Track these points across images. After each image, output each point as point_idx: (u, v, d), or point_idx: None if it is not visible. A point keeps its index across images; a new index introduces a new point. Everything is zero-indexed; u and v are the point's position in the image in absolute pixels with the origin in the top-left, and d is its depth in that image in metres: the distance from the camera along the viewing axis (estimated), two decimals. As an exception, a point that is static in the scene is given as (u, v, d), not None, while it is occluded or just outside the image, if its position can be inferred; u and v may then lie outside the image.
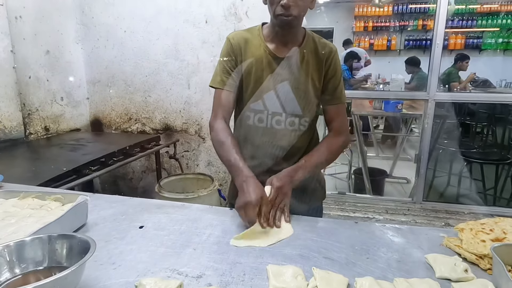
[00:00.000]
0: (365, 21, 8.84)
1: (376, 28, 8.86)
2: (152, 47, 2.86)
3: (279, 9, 1.14)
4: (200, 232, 1.08)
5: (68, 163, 1.87)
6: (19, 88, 2.40)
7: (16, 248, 0.76)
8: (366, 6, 8.75)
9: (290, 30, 1.23)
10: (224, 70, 1.28)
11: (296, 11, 1.15)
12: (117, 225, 1.12)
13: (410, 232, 1.09)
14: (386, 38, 8.90)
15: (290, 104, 1.28)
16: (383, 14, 8.76)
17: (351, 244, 1.01)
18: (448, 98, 2.65)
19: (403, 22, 8.81)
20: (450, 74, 5.59)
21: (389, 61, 8.99)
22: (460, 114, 3.78)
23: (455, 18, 8.42)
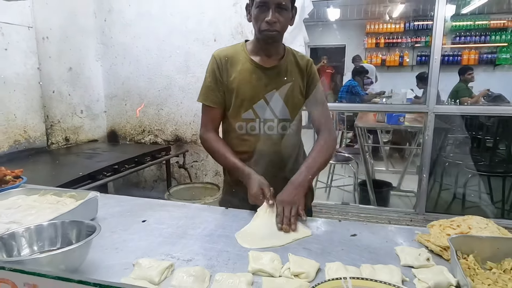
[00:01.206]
0: (377, 37, 8.94)
1: (388, 45, 8.95)
2: (164, 64, 3.07)
3: (264, 25, 1.29)
4: (195, 226, 1.20)
5: (83, 168, 2.04)
6: (43, 102, 2.63)
7: (35, 231, 0.91)
8: (377, 23, 8.88)
9: (274, 44, 1.38)
10: (210, 86, 1.40)
11: (279, 27, 1.29)
12: (122, 220, 1.26)
13: (388, 229, 1.18)
14: (398, 54, 8.97)
15: (280, 110, 1.41)
16: (395, 30, 8.85)
17: (330, 238, 1.11)
18: (447, 111, 2.71)
19: (415, 38, 8.86)
20: (459, 89, 5.59)
21: (402, 76, 9.02)
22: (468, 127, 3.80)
23: (467, 34, 8.44)
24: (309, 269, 0.88)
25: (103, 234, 1.12)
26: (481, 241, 0.90)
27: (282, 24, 1.31)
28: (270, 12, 1.27)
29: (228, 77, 1.39)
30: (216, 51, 1.44)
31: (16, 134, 2.42)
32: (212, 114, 1.43)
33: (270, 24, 1.28)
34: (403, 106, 3.23)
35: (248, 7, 1.38)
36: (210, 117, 1.44)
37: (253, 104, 1.40)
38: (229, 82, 1.38)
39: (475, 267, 0.84)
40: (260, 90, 1.39)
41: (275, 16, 1.27)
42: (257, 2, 1.29)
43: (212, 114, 1.43)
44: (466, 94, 5.55)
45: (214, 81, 1.40)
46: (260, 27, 1.31)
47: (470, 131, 3.75)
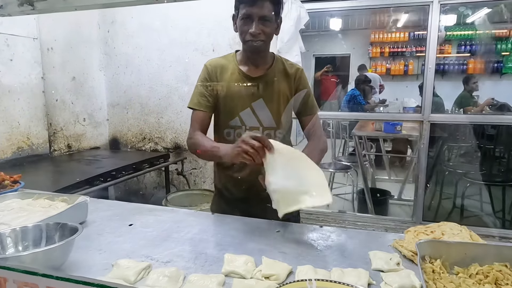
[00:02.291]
0: (382, 47, 8.97)
1: (392, 54, 8.96)
2: (165, 74, 3.15)
3: (248, 36, 1.34)
4: (179, 230, 1.24)
5: (82, 174, 2.11)
6: (47, 110, 2.72)
7: (20, 232, 0.96)
8: (382, 32, 8.92)
9: (259, 54, 1.42)
10: (201, 93, 1.46)
11: (263, 37, 1.34)
12: (111, 223, 1.31)
13: (367, 235, 1.21)
14: (403, 63, 8.97)
15: (265, 118, 1.45)
16: (399, 40, 8.88)
17: (307, 243, 1.14)
18: (442, 119, 2.72)
19: (420, 47, 8.86)
20: (464, 98, 5.58)
21: (407, 85, 9.01)
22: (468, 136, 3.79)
23: (472, 43, 8.43)
24: (280, 271, 0.91)
25: (89, 236, 1.17)
26: (449, 246, 0.92)
27: (266, 35, 1.36)
28: (254, 24, 1.32)
29: (218, 86, 1.45)
30: (208, 61, 1.51)
31: (19, 141, 2.50)
32: (202, 119, 1.47)
33: (254, 35, 1.33)
34: (399, 115, 3.25)
35: (234, 18, 1.44)
36: (198, 121, 1.47)
37: (239, 112, 1.45)
38: (219, 90, 1.45)
39: (440, 271, 0.86)
40: (247, 98, 1.44)
41: (259, 27, 1.32)
42: (241, 14, 1.35)
43: (201, 119, 1.47)
44: (470, 103, 5.54)
45: (204, 88, 1.46)
46: (244, 38, 1.36)
47: (470, 139, 3.74)
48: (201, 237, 1.18)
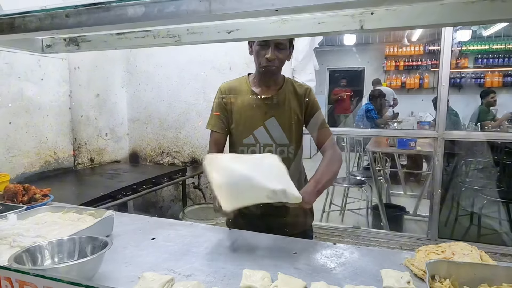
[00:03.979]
0: (396, 60, 8.97)
1: (407, 67, 8.95)
2: (183, 90, 3.28)
3: (264, 61, 1.44)
4: (199, 244, 1.31)
5: (105, 188, 2.21)
6: (72, 126, 2.87)
7: (56, 244, 1.05)
8: (396, 46, 8.94)
9: (273, 77, 1.52)
10: (217, 115, 1.58)
11: (277, 63, 1.44)
12: (134, 237, 1.39)
13: (378, 253, 1.24)
14: (418, 77, 8.94)
15: (277, 135, 1.54)
16: (414, 53, 8.87)
17: (321, 260, 1.18)
18: (457, 136, 2.73)
19: (435, 60, 8.82)
20: (481, 113, 5.51)
21: (422, 99, 8.94)
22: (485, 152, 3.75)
23: (489, 56, 8.35)
24: (295, 287, 0.96)
25: (116, 249, 1.25)
26: (458, 266, 0.95)
27: (280, 61, 1.46)
28: (270, 50, 1.42)
29: (232, 107, 1.56)
30: (222, 84, 1.63)
31: (47, 155, 2.65)
32: (217, 139, 1.60)
33: (270, 60, 1.43)
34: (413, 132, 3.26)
35: (250, 42, 1.54)
36: (215, 142, 1.60)
37: (253, 130, 1.54)
38: (233, 111, 1.56)
39: (449, 291, 0.89)
40: (259, 117, 1.54)
41: (274, 53, 1.42)
42: (258, 40, 1.45)
43: (216, 139, 1.60)
44: (488, 117, 5.47)
45: (219, 110, 1.58)
46: (260, 62, 1.47)
47: (487, 155, 3.70)
48: (219, 252, 1.24)
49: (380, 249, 1.28)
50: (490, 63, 8.45)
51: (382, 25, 0.57)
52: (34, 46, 0.84)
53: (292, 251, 1.26)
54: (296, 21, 0.63)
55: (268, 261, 1.17)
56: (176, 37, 0.72)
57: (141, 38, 0.75)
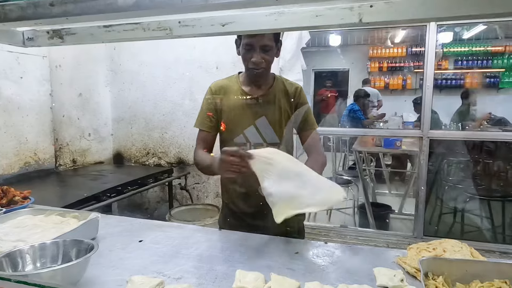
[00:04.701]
0: (380, 61, 9.13)
1: (391, 69, 9.11)
2: (169, 90, 3.22)
3: (250, 64, 1.42)
4: (188, 246, 1.28)
5: (89, 190, 2.14)
6: (53, 126, 2.77)
7: (38, 248, 1.00)
8: (380, 48, 9.09)
9: (261, 77, 1.50)
10: (206, 114, 1.55)
11: (265, 65, 1.42)
12: (121, 239, 1.34)
13: (371, 251, 1.24)
14: (401, 78, 9.11)
15: (268, 134, 1.52)
16: (397, 55, 9.04)
17: (313, 259, 1.17)
18: (441, 136, 2.78)
19: (418, 62, 9.02)
20: (462, 113, 5.66)
21: (405, 99, 9.11)
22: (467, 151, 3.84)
23: (469, 58, 8.58)
24: (288, 287, 0.95)
25: (101, 252, 1.21)
26: (450, 263, 0.96)
27: (267, 62, 1.44)
28: (255, 54, 1.40)
29: (222, 106, 1.53)
30: (212, 83, 1.60)
31: (27, 156, 2.55)
32: (206, 138, 1.57)
33: (256, 63, 1.41)
34: (398, 131, 3.31)
35: (237, 43, 1.52)
36: (203, 140, 1.58)
37: (244, 130, 1.52)
38: (223, 110, 1.53)
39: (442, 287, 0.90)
40: (250, 117, 1.52)
41: (260, 56, 1.40)
42: (244, 44, 1.43)
43: (205, 138, 1.57)
44: (468, 117, 5.62)
45: (209, 109, 1.55)
46: (247, 65, 1.45)
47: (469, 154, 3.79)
48: (210, 253, 1.21)
49: (370, 248, 1.28)
50: (469, 65, 8.68)
51: (381, 18, 0.56)
52: (14, 39, 0.79)
53: (284, 251, 1.24)
54: (293, 14, 0.62)
55: (260, 261, 1.15)
56: (168, 30, 0.69)
57: (130, 31, 0.72)
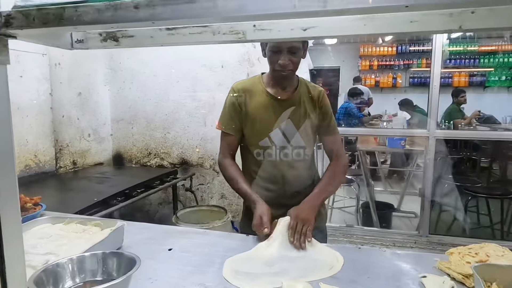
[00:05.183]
0: (370, 60, 9.21)
1: (381, 67, 9.22)
2: (172, 89, 3.15)
3: (277, 67, 1.39)
4: (221, 254, 1.23)
5: (97, 194, 2.06)
6: (53, 127, 2.66)
7: (77, 261, 0.94)
8: (371, 46, 9.18)
9: (287, 80, 1.48)
10: (228, 115, 1.53)
11: (291, 67, 1.39)
12: (148, 248, 1.29)
13: (407, 256, 1.23)
14: (391, 76, 9.23)
15: (293, 137, 1.50)
16: (387, 53, 9.14)
17: (354, 266, 1.15)
18: (447, 135, 2.82)
19: (407, 61, 9.15)
20: (452, 111, 5.77)
21: (395, 97, 9.24)
22: (464, 149, 3.92)
23: (457, 57, 8.76)
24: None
25: (133, 263, 1.15)
26: (502, 269, 0.95)
27: (294, 64, 1.41)
28: (282, 56, 1.37)
29: (246, 108, 1.50)
30: (235, 83, 1.57)
31: (27, 159, 2.44)
32: (230, 141, 1.55)
33: (283, 66, 1.37)
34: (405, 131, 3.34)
35: (263, 45, 1.48)
36: (228, 144, 1.56)
37: (269, 132, 1.50)
38: (247, 112, 1.50)
39: (499, 295, 0.89)
40: (275, 119, 1.50)
41: (287, 58, 1.37)
42: (271, 46, 1.39)
43: (229, 141, 1.55)
44: (458, 116, 5.73)
45: (232, 111, 1.52)
46: (274, 67, 1.42)
47: (467, 153, 3.87)
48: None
49: (406, 252, 1.27)
50: (457, 64, 8.86)
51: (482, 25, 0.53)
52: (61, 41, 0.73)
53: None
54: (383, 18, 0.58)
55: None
56: (240, 34, 0.64)
57: (197, 34, 0.67)
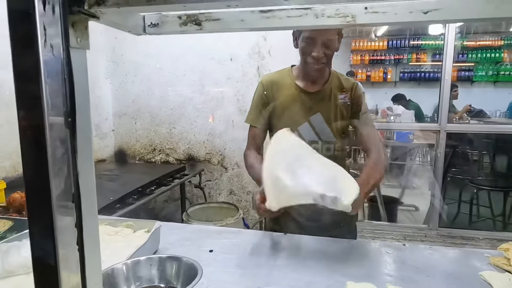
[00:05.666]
0: (362, 54, 9.25)
1: (372, 61, 9.27)
2: (178, 83, 3.04)
3: (310, 59, 1.33)
4: (265, 254, 1.18)
5: (111, 193, 1.97)
6: (56, 121, 2.53)
7: (132, 266, 0.86)
8: (362, 41, 9.21)
9: (319, 73, 1.42)
10: (256, 109, 1.49)
11: (325, 60, 1.33)
12: (187, 250, 1.22)
13: (456, 253, 1.20)
14: (382, 71, 9.30)
15: (323, 132, 1.45)
16: (378, 48, 9.20)
17: (409, 264, 1.11)
18: (458, 129, 2.83)
19: (398, 55, 9.23)
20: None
21: (386, 92, 9.33)
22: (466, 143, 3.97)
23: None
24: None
25: (178, 267, 1.08)
26: None
27: (328, 57, 1.35)
28: (316, 48, 1.30)
29: (274, 101, 1.45)
30: (263, 77, 1.53)
31: (30, 156, 2.30)
32: (256, 134, 1.51)
33: (316, 58, 1.31)
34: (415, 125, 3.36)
35: (295, 35, 1.42)
36: (253, 137, 1.52)
37: (297, 127, 1.45)
38: (276, 106, 1.45)
39: None
40: (304, 113, 1.45)
41: (321, 51, 1.31)
42: (304, 37, 1.33)
43: (255, 134, 1.51)
44: (451, 110, 5.83)
45: (260, 104, 1.48)
46: (306, 60, 1.35)
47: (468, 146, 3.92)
48: (293, 262, 1.13)
49: (454, 248, 1.24)
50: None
51: None
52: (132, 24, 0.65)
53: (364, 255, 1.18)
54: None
55: (354, 270, 1.07)
56: (349, 17, 0.58)
57: (297, 17, 0.60)
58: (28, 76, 0.41)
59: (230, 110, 2.94)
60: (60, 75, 0.44)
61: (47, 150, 0.42)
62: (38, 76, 0.40)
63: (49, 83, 0.41)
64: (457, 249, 1.24)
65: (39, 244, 0.41)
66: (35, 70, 0.40)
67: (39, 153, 0.43)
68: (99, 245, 0.48)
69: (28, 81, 0.41)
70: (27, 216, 0.41)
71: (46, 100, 0.41)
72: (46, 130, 0.41)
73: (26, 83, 0.41)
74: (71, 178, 0.44)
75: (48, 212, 0.41)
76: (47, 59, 0.41)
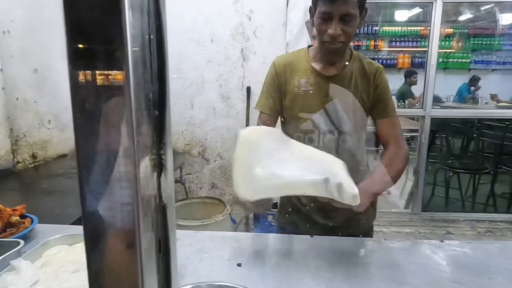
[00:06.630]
0: (320, 40, 9.29)
1: (352, 47, 9.34)
2: (151, 66, 2.71)
3: (326, 37, 1.15)
4: (294, 263, 1.04)
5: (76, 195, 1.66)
6: (7, 112, 2.12)
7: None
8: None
9: (338, 54, 1.25)
10: (267, 94, 1.32)
11: (343, 38, 1.16)
12: (211, 265, 1.03)
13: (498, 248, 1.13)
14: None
15: (340, 121, 1.29)
16: (336, 34, 9.29)
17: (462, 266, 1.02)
18: (442, 114, 2.86)
19: (356, 42, 9.39)
20: (405, 91, 6.06)
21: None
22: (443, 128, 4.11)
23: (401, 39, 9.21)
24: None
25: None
26: None
27: (347, 36, 1.17)
28: (333, 25, 1.13)
29: (287, 86, 1.30)
30: (276, 58, 1.36)
31: (-23, 154, 1.90)
32: (266, 122, 1.33)
33: (333, 37, 1.15)
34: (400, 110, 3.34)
35: (312, 11, 1.24)
36: (264, 125, 1.33)
37: (312, 115, 1.29)
38: (288, 91, 1.29)
39: None
40: (320, 100, 1.28)
41: (339, 28, 1.14)
42: (320, 13, 1.15)
43: (266, 122, 1.33)
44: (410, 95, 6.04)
45: (271, 89, 1.32)
46: (322, 38, 1.18)
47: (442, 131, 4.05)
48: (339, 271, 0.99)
49: (482, 242, 1.18)
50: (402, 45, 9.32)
51: None
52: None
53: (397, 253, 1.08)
54: None
55: (387, 272, 0.97)
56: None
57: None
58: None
59: (212, 96, 2.70)
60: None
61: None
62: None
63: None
64: (497, 243, 1.18)
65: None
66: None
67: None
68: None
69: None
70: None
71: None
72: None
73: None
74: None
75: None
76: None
